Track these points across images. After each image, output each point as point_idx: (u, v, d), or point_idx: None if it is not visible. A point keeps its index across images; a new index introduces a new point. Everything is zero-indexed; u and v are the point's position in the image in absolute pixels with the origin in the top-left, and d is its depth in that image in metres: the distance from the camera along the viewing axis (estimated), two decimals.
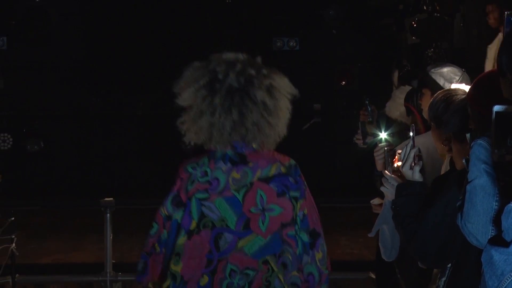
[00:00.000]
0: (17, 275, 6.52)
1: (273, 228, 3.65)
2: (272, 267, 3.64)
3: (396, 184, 3.74)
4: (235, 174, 3.68)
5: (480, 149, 3.00)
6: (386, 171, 3.84)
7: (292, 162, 3.75)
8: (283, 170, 3.72)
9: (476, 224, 3.03)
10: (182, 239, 3.64)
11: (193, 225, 3.61)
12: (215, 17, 8.78)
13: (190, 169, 3.65)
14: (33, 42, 10.92)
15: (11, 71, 10.89)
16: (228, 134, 3.58)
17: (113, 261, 7.24)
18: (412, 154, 3.63)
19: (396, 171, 3.81)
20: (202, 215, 3.63)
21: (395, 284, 4.93)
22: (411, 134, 3.68)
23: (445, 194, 3.51)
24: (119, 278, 7.25)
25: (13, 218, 6.39)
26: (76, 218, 9.27)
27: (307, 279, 3.70)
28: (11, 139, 10.83)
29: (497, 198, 3.01)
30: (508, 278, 2.69)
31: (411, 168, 3.63)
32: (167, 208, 3.66)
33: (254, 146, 3.65)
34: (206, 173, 3.66)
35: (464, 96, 3.75)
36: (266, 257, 3.64)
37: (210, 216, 3.64)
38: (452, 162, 3.85)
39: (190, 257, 3.63)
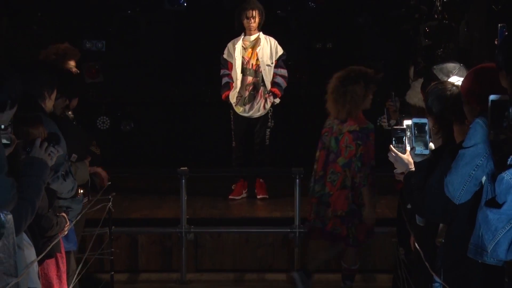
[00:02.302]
0: (113, 227, 6.58)
1: (349, 156, 6.05)
2: (346, 174, 6.07)
3: (398, 157, 3.72)
4: (339, 126, 6.09)
5: (477, 127, 2.96)
6: (391, 146, 3.80)
7: (368, 125, 6.17)
8: (357, 128, 6.06)
9: (453, 179, 3.00)
10: (320, 154, 6.21)
11: (322, 146, 6.19)
12: (270, 26, 8.77)
13: (326, 123, 6.23)
14: (126, 45, 10.99)
15: (109, 67, 10.95)
16: (336, 113, 6.12)
17: (187, 217, 7.27)
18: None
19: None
20: (324, 143, 6.17)
21: (410, 236, 4.89)
22: (426, 128, 3.62)
23: (441, 164, 3.47)
24: (191, 230, 7.29)
25: (110, 183, 6.45)
26: (159, 183, 9.31)
27: (356, 179, 6.09)
28: (108, 121, 10.89)
29: (475, 168, 2.97)
30: (500, 233, 2.65)
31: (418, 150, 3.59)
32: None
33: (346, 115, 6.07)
34: (330, 124, 6.18)
35: (454, 88, 3.72)
36: (345, 168, 6.06)
37: (326, 144, 6.16)
38: (443, 139, 3.81)
39: (320, 162, 6.20)
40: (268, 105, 8.06)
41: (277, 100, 8.11)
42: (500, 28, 6.18)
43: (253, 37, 8.05)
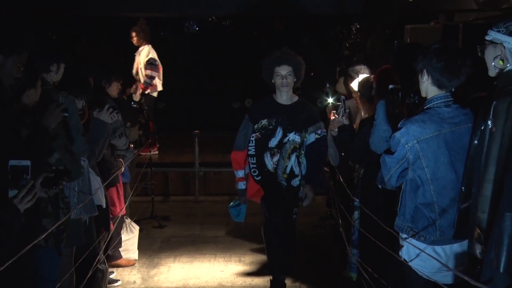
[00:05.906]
0: (152, 168, 6.53)
1: None
2: None
3: (335, 122, 3.67)
4: None
5: (382, 106, 2.92)
6: (337, 115, 3.74)
7: None
8: None
9: (373, 140, 2.96)
10: None
11: None
12: (246, 45, 8.69)
13: None
14: (160, 54, 10.84)
15: None
16: None
17: (199, 161, 7.21)
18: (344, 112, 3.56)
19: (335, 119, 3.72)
20: None
21: (336, 173, 4.87)
22: (342, 101, 3.58)
23: (360, 129, 3.45)
24: (202, 170, 7.25)
25: (150, 140, 6.35)
26: (180, 141, 9.18)
27: None
28: None
29: (384, 132, 2.94)
30: (392, 170, 2.62)
31: (344, 117, 3.55)
32: None
33: None
34: None
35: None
36: None
37: None
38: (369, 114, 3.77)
39: None
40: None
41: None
42: (396, 44, 6.21)
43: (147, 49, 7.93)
